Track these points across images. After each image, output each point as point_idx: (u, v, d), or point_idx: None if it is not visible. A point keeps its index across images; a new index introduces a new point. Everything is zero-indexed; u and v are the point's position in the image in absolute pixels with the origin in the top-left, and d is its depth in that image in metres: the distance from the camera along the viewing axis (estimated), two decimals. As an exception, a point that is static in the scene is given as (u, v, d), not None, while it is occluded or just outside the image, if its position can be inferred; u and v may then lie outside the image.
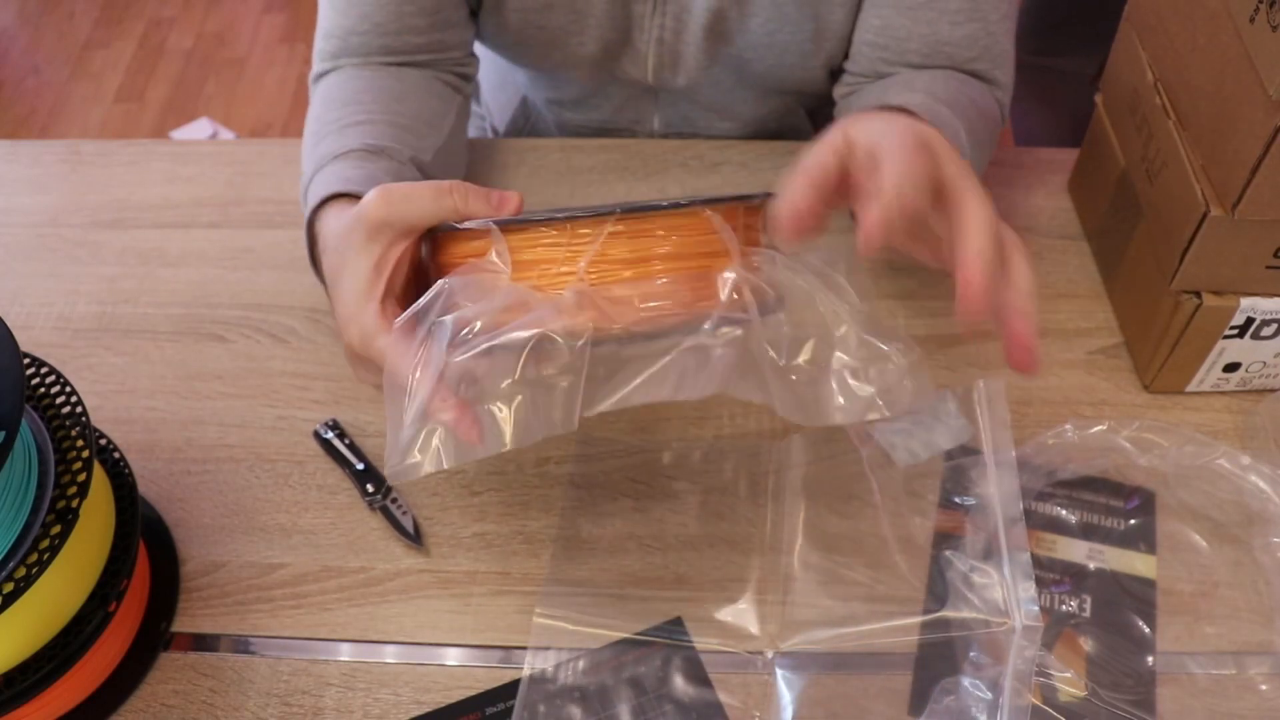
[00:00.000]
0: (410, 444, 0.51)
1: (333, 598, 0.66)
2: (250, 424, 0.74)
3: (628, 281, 0.50)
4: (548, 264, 0.51)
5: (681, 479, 0.70)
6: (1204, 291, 0.67)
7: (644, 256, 0.51)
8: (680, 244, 0.51)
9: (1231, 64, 0.60)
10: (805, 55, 0.83)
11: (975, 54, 0.75)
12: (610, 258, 0.50)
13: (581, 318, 0.49)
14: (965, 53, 0.75)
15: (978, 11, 0.74)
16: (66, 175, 0.93)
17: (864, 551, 0.65)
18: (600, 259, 0.50)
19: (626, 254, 0.51)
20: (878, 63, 0.77)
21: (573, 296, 0.49)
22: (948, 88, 0.73)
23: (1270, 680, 0.61)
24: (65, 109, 2.41)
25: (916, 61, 0.75)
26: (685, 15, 0.82)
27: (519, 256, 0.51)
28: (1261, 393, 0.73)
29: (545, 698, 0.60)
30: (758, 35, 0.82)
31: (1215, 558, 0.65)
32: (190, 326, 0.80)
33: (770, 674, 0.61)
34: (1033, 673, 0.57)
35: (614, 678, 0.61)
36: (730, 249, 0.52)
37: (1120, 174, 0.75)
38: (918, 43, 0.75)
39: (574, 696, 0.60)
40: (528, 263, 0.51)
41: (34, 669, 0.56)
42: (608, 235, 0.50)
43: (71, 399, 0.60)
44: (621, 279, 0.50)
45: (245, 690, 0.62)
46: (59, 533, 0.54)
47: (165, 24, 2.61)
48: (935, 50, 0.75)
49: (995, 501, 0.63)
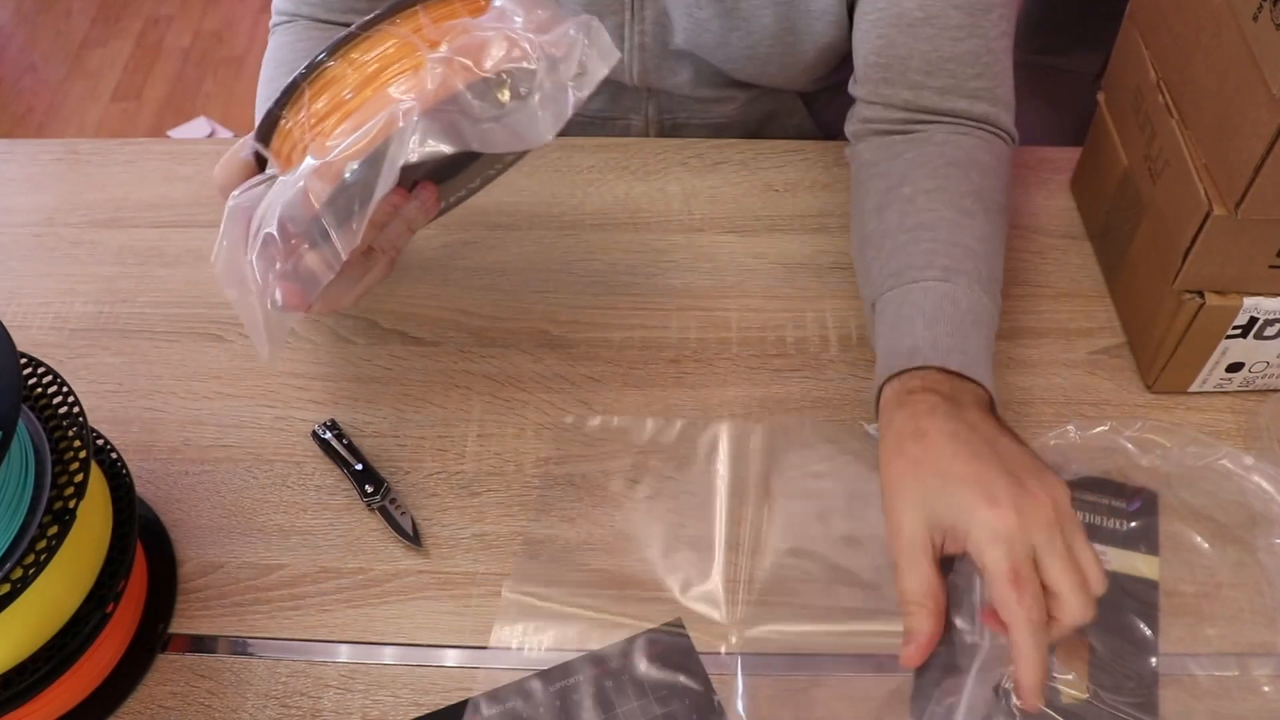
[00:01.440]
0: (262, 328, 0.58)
1: (331, 599, 0.65)
2: (248, 424, 0.74)
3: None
4: (390, 63, 0.54)
5: (682, 478, 0.70)
6: (1207, 291, 0.67)
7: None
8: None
9: (1234, 63, 0.60)
10: (786, 66, 0.84)
11: (977, 71, 0.74)
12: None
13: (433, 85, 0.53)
14: (967, 69, 0.74)
15: (978, 28, 0.73)
16: (63, 174, 0.92)
17: (852, 553, 0.66)
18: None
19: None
20: (881, 84, 0.76)
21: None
22: (955, 220, 0.70)
23: (1273, 682, 0.60)
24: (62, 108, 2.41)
25: (919, 80, 0.74)
26: (665, 30, 0.82)
27: (363, 74, 0.55)
28: (1264, 393, 0.72)
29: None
30: (738, 49, 0.82)
31: (1218, 559, 0.65)
32: (188, 326, 0.80)
33: (732, 668, 0.61)
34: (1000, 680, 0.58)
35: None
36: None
37: (1123, 173, 0.75)
38: (919, 60, 0.74)
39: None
40: (374, 73, 0.54)
41: (31, 670, 0.55)
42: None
43: (69, 399, 0.59)
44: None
45: (243, 692, 0.62)
46: (56, 534, 0.54)
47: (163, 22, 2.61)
48: (938, 68, 0.74)
49: None
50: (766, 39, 0.81)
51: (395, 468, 0.71)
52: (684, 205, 0.86)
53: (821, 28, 0.80)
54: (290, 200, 0.53)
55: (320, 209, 0.53)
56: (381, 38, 0.55)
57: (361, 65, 0.55)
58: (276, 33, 0.85)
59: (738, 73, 0.86)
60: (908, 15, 0.73)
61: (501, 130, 0.54)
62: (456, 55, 0.53)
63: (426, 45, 0.54)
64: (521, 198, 0.87)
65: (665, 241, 0.84)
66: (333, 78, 0.55)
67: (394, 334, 0.78)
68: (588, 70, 0.54)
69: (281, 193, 0.54)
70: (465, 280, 0.81)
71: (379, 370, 0.76)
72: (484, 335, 0.78)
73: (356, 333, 0.78)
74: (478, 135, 0.53)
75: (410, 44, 0.54)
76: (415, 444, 0.72)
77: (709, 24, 0.81)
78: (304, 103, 0.55)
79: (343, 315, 0.79)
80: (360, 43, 0.55)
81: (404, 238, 0.64)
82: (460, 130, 0.53)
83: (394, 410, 0.74)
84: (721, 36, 0.82)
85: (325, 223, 0.53)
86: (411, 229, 0.64)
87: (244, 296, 0.57)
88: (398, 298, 0.80)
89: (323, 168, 0.53)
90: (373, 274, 0.64)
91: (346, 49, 0.55)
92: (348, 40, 0.55)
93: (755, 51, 0.82)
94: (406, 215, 0.62)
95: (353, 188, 0.52)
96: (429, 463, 0.71)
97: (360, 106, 0.54)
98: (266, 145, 0.58)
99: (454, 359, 0.77)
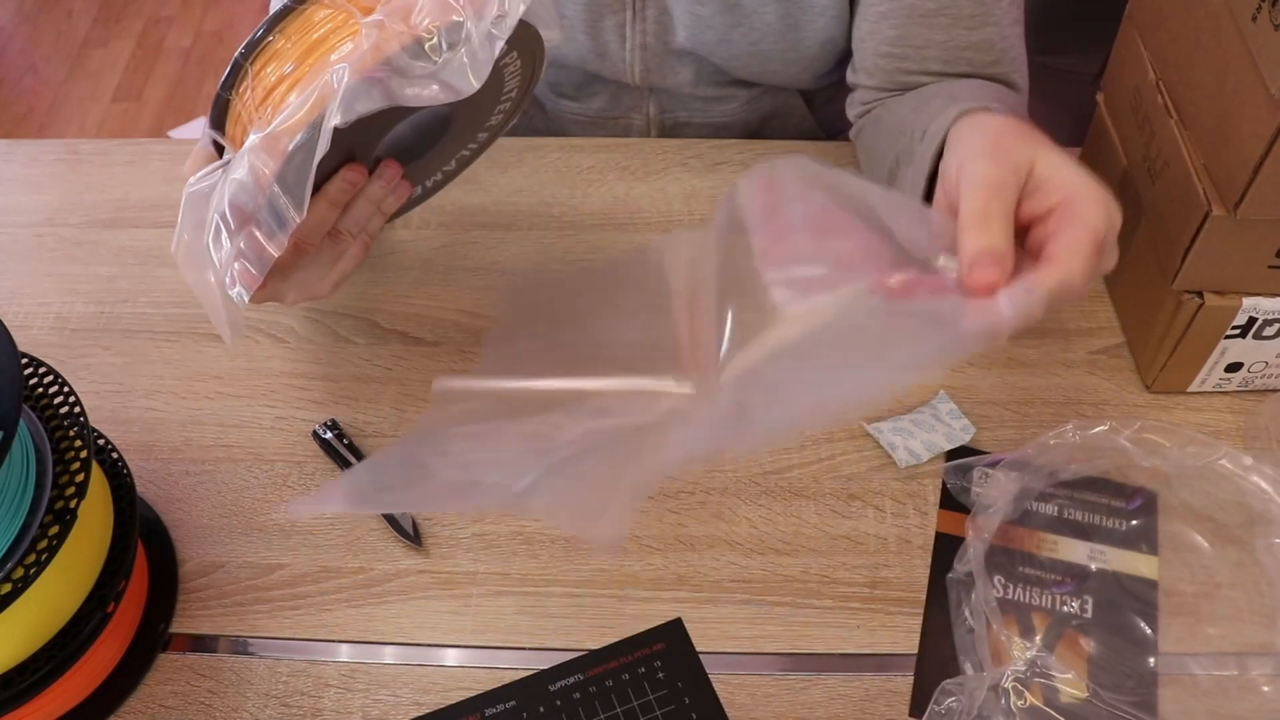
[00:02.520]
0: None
1: (331, 598, 0.66)
2: (249, 424, 0.74)
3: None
4: (328, 34, 0.55)
5: (681, 479, 0.70)
6: (1206, 291, 0.67)
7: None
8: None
9: (1233, 63, 0.60)
10: (788, 62, 0.84)
11: (994, 58, 0.74)
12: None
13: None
14: (984, 57, 0.74)
15: (990, 16, 0.73)
16: (64, 174, 0.92)
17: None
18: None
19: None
20: (897, 74, 0.76)
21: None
22: (998, 94, 0.72)
23: (1272, 681, 0.60)
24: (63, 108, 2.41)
25: (937, 69, 0.75)
26: (667, 29, 0.82)
27: (302, 46, 0.55)
28: (1263, 393, 0.73)
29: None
30: (740, 45, 0.82)
31: (1217, 558, 0.65)
32: (189, 326, 0.80)
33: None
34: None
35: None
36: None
37: (1122, 173, 0.75)
38: (937, 50, 0.74)
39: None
40: (313, 44, 0.55)
41: (32, 670, 0.56)
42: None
43: (69, 399, 0.59)
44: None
45: (244, 691, 0.62)
46: (57, 533, 0.54)
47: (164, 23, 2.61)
48: (955, 57, 0.74)
49: None
50: (769, 35, 0.81)
51: (395, 468, 0.71)
52: (684, 205, 0.86)
53: (824, 23, 0.80)
54: (238, 178, 0.54)
55: (266, 184, 0.53)
56: (317, 8, 0.56)
57: (300, 38, 0.55)
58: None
59: (739, 70, 0.86)
60: (920, 6, 0.73)
61: (435, 85, 0.54)
62: (388, 18, 0.53)
63: (360, 11, 0.55)
64: (521, 198, 0.87)
65: (665, 242, 0.84)
66: (274, 53, 0.56)
67: (394, 334, 0.78)
68: (507, 12, 0.55)
69: (230, 172, 0.55)
70: (465, 280, 0.81)
71: (379, 370, 0.76)
72: (484, 335, 0.78)
73: (357, 333, 0.78)
74: (410, 94, 0.54)
75: (345, 11, 0.55)
76: (415, 444, 0.72)
77: (711, 21, 0.81)
78: (249, 82, 0.55)
79: (343, 315, 0.79)
80: (297, 16, 0.56)
81: (375, 221, 0.64)
82: (391, 89, 0.53)
83: (394, 410, 0.74)
84: (723, 33, 0.82)
85: (272, 198, 0.53)
86: (383, 211, 0.64)
87: (202, 281, 0.58)
88: (398, 298, 0.80)
89: (265, 141, 0.53)
90: (345, 260, 0.64)
91: (284, 23, 0.56)
92: (285, 14, 0.56)
93: (757, 48, 0.82)
94: (372, 196, 0.62)
95: (296, 158, 0.53)
96: (429, 463, 0.71)
97: (302, 78, 0.54)
98: (221, 131, 0.58)
99: (454, 359, 0.77)
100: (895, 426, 0.71)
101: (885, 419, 0.72)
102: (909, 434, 0.70)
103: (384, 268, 0.82)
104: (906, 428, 0.71)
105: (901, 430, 0.70)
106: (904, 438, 0.70)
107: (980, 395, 0.73)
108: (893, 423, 0.71)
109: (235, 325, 0.59)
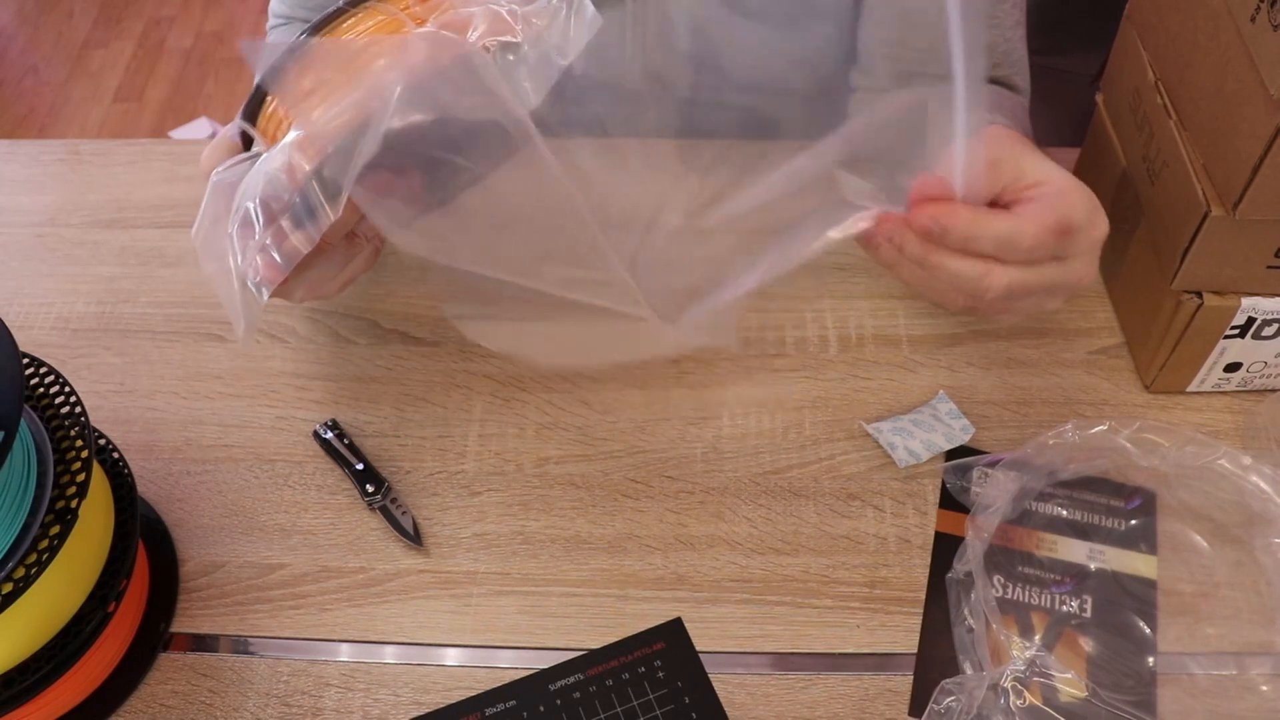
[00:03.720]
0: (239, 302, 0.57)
1: (332, 598, 0.66)
2: (249, 424, 0.74)
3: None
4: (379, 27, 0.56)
5: (681, 479, 0.70)
6: (1205, 291, 0.67)
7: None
8: None
9: (1232, 63, 0.60)
10: (792, 64, 0.84)
11: (996, 60, 0.74)
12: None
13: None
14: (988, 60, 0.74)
15: (993, 19, 0.73)
16: (65, 175, 0.93)
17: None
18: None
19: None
20: (900, 76, 0.77)
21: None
22: (998, 102, 0.73)
23: (1271, 681, 0.60)
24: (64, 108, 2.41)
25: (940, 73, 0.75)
26: (669, 31, 0.83)
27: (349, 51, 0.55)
28: (1263, 393, 0.73)
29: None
30: (742, 46, 0.82)
31: (1216, 558, 0.65)
32: (189, 326, 0.80)
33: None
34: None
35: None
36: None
37: (1121, 174, 0.75)
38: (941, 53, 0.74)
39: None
40: (360, 49, 0.55)
41: (33, 669, 0.56)
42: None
43: (70, 399, 0.60)
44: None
45: (244, 691, 0.62)
46: (58, 533, 0.54)
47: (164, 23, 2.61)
48: None
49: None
50: (771, 38, 0.81)
51: (396, 467, 0.71)
52: (684, 206, 0.86)
53: (827, 26, 0.80)
54: (273, 172, 0.53)
55: (303, 180, 0.53)
56: (369, 14, 0.55)
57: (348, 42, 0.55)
58: (273, 35, 0.86)
59: (741, 73, 0.85)
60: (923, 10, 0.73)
61: (486, 101, 0.54)
62: (442, 30, 0.53)
63: (413, 22, 0.55)
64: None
65: (665, 242, 0.84)
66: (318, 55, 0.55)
67: (395, 334, 0.78)
68: (570, 38, 0.55)
69: (264, 166, 0.54)
70: (466, 280, 0.82)
71: (380, 370, 0.76)
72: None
73: (358, 333, 0.79)
74: (462, 107, 0.54)
75: (397, 20, 0.55)
76: (416, 444, 0.72)
77: (713, 22, 0.81)
78: (290, 80, 0.55)
79: (343, 315, 0.79)
80: (346, 19, 0.55)
81: None
82: (442, 102, 0.53)
83: (395, 410, 0.74)
84: (726, 34, 0.82)
85: (307, 194, 0.53)
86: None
87: (222, 272, 0.57)
88: (398, 298, 0.80)
89: (305, 139, 0.53)
90: (357, 262, 0.64)
91: (332, 25, 0.55)
92: (335, 17, 0.55)
93: (759, 51, 0.82)
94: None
95: (335, 160, 0.52)
96: (430, 462, 0.71)
97: (346, 82, 0.54)
98: (253, 124, 0.58)
99: (455, 359, 0.77)
100: (895, 426, 0.71)
101: (885, 419, 0.72)
102: (908, 434, 0.70)
103: (384, 268, 0.82)
104: (906, 427, 0.71)
105: (901, 430, 0.71)
106: (903, 437, 0.70)
107: (980, 395, 0.73)
108: (892, 422, 0.71)
109: (250, 319, 0.58)
